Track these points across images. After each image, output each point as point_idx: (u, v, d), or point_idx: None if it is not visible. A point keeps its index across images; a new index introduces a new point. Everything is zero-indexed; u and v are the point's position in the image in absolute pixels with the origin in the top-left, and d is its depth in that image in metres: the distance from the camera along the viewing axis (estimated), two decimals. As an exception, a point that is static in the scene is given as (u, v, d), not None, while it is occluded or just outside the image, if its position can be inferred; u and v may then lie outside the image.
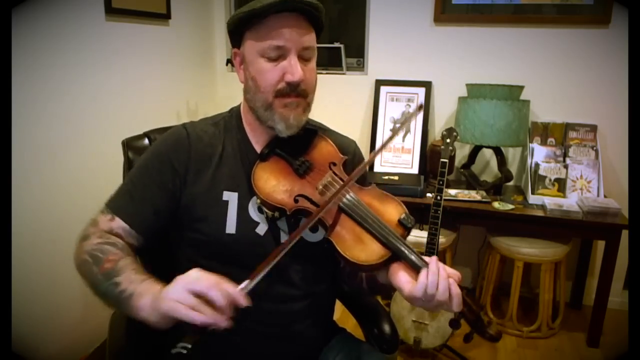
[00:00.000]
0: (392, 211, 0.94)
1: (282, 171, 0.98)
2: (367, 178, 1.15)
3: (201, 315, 0.72)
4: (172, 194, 0.97)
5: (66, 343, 1.87)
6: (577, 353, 2.20)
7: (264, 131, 1.01)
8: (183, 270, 0.80)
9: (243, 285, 0.79)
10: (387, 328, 1.17)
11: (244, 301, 0.76)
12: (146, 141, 1.22)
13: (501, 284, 2.51)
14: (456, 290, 0.83)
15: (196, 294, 0.74)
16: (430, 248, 1.97)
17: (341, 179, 0.97)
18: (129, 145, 1.21)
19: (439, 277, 0.83)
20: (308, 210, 0.93)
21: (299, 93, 0.94)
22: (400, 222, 0.91)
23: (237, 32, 0.96)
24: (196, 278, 0.76)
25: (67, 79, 1.80)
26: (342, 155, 1.03)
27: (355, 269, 0.93)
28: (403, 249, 0.87)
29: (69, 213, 1.77)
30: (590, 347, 2.22)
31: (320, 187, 0.96)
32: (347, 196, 0.93)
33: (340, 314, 1.32)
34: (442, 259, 2.36)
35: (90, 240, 0.92)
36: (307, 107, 0.99)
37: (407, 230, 0.91)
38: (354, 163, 1.11)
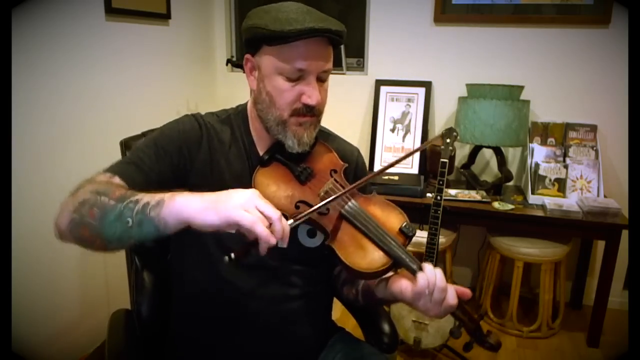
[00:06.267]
0: (393, 219, 0.94)
1: (283, 177, 0.98)
2: (369, 185, 1.15)
3: (265, 231, 0.73)
4: (178, 177, 0.96)
5: (66, 343, 1.87)
6: (577, 353, 2.20)
7: (269, 137, 1.01)
8: (184, 268, 0.78)
9: (290, 221, 0.80)
10: (386, 328, 1.17)
11: (286, 241, 0.78)
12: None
13: (501, 284, 2.51)
14: (450, 303, 0.84)
15: (262, 212, 0.75)
16: (430, 248, 1.97)
17: (342, 186, 0.97)
18: (127, 145, 1.21)
19: (435, 284, 0.82)
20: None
21: (314, 114, 0.95)
22: (401, 230, 0.91)
23: (255, 42, 0.94)
24: (262, 198, 0.77)
25: (67, 79, 1.80)
26: (342, 163, 1.04)
27: (356, 276, 0.93)
28: (404, 257, 0.87)
29: (69, 213, 1.77)
30: (590, 347, 2.21)
31: (322, 193, 0.96)
32: (349, 203, 0.93)
33: (340, 314, 1.31)
34: (442, 259, 2.36)
35: (86, 187, 0.85)
36: (319, 124, 1.00)
37: (408, 239, 0.91)
38: (355, 171, 1.12)
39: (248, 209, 0.74)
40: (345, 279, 1.10)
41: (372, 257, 0.87)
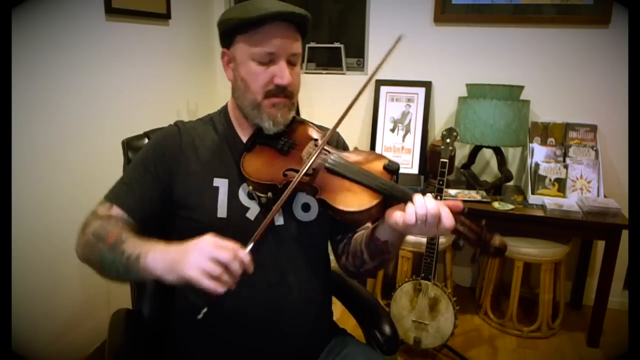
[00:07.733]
0: (375, 162, 1.00)
1: (268, 155, 1.04)
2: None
3: (221, 286, 0.78)
4: (165, 183, 1.03)
5: (66, 343, 1.87)
6: (577, 353, 2.20)
7: (249, 125, 1.08)
8: None
9: (248, 248, 0.83)
10: (387, 329, 1.17)
11: (251, 268, 0.82)
12: (146, 141, 1.22)
13: (501, 284, 2.51)
14: (446, 226, 0.87)
15: (218, 262, 0.79)
16: (430, 248, 1.97)
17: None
18: (128, 145, 1.21)
19: (426, 204, 0.86)
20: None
21: (286, 95, 1.02)
22: (385, 168, 0.98)
23: (228, 34, 1.01)
24: (216, 245, 0.81)
25: (67, 79, 1.80)
26: (322, 132, 1.10)
27: (352, 220, 0.95)
28: (393, 191, 0.91)
29: (69, 213, 1.77)
30: (590, 347, 2.22)
31: (305, 157, 1.01)
32: (332, 157, 0.99)
33: (340, 314, 1.32)
34: (442, 259, 2.36)
35: (91, 225, 0.97)
36: (293, 106, 1.06)
37: (393, 174, 0.97)
38: (337, 145, 1.17)
39: (199, 265, 0.79)
40: (349, 251, 1.10)
41: (362, 197, 0.92)
